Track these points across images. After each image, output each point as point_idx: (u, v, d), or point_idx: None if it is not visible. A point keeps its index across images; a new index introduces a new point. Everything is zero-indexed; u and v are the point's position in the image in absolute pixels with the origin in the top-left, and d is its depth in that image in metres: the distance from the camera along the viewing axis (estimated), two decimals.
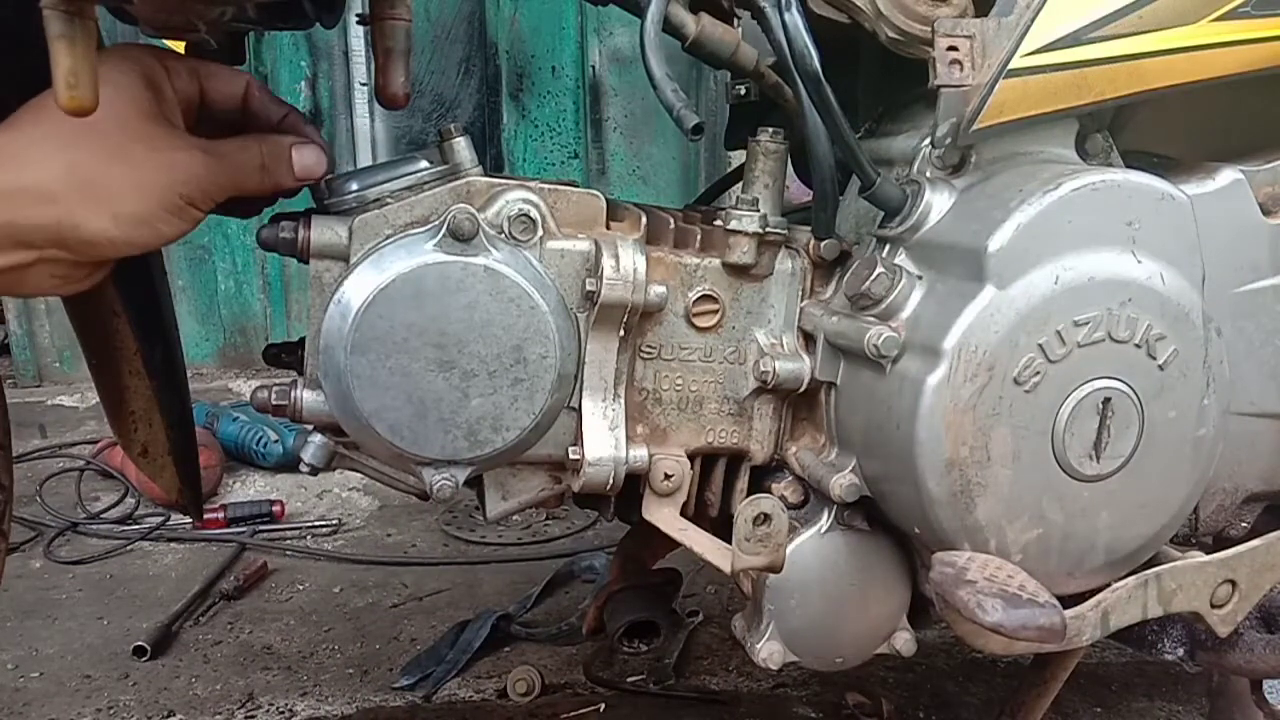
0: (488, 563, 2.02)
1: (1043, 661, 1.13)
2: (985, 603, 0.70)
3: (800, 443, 0.91)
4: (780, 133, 0.86)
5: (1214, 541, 0.94)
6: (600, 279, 0.79)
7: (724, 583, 1.80)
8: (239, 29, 0.88)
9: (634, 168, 3.86)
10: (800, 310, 0.88)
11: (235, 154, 0.70)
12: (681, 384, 0.87)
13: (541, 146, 3.80)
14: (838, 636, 0.91)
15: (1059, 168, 0.79)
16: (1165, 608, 0.84)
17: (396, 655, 1.62)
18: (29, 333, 3.48)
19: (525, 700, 1.46)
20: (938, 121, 0.79)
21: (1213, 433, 0.81)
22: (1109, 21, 0.77)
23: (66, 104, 0.56)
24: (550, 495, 0.89)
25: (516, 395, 0.79)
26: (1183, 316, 0.77)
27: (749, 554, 0.82)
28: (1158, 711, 1.48)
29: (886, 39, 0.81)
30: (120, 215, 0.62)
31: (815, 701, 1.47)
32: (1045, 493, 0.78)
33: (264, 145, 0.72)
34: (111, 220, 0.62)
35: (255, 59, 3.43)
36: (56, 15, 0.55)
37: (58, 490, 2.35)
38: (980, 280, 0.74)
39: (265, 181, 0.72)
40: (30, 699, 1.49)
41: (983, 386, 0.74)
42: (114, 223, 0.62)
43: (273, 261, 3.60)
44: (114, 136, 0.63)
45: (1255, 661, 0.94)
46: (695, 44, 0.82)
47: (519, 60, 3.72)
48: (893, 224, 0.82)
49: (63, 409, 3.19)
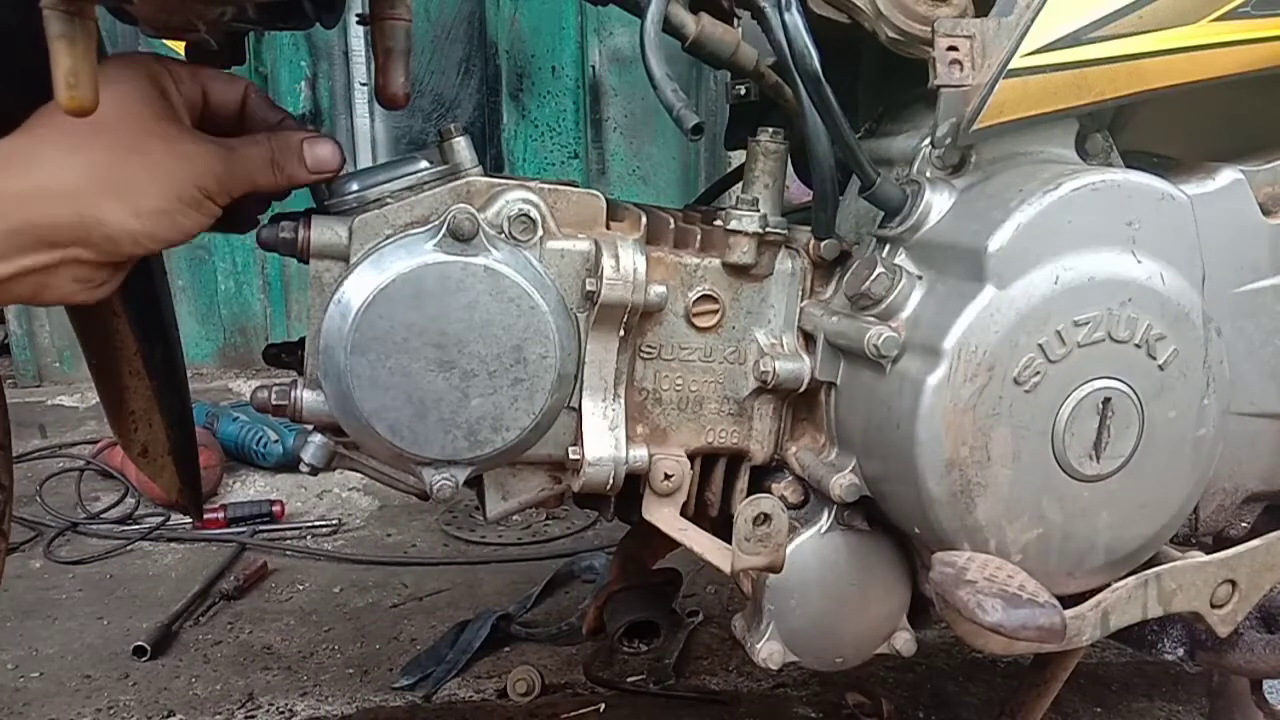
0: (488, 563, 2.02)
1: (1043, 661, 1.13)
2: (985, 603, 0.70)
3: (800, 443, 0.91)
4: (780, 133, 0.86)
5: (1214, 541, 0.94)
6: (600, 279, 0.79)
7: (724, 583, 1.80)
8: (239, 29, 0.88)
9: (634, 168, 3.86)
10: (800, 310, 0.88)
11: (246, 148, 0.71)
12: (681, 384, 0.87)
13: (541, 146, 3.80)
14: (838, 636, 0.91)
15: (1059, 168, 0.79)
16: (1165, 608, 0.84)
17: (396, 655, 1.62)
18: (29, 333, 3.48)
19: (525, 700, 1.46)
20: (938, 121, 0.79)
21: (1213, 433, 0.81)
22: (1109, 21, 0.77)
23: (67, 104, 0.56)
24: (550, 495, 0.89)
25: (516, 395, 0.79)
26: (1183, 316, 0.77)
27: (749, 554, 0.83)
28: (1158, 711, 1.48)
29: (886, 39, 0.81)
30: (141, 209, 0.63)
31: (815, 701, 1.47)
32: (1045, 493, 0.78)
33: (274, 141, 0.73)
34: (132, 214, 0.63)
35: (255, 59, 3.43)
36: (57, 15, 0.55)
37: (58, 490, 2.35)
38: (980, 280, 0.74)
39: (278, 176, 0.73)
40: (30, 699, 1.49)
41: (983, 386, 0.74)
42: (135, 216, 0.63)
43: (273, 262, 3.60)
44: (128, 133, 0.64)
45: (1255, 661, 0.94)
46: (695, 44, 0.82)
47: (519, 60, 3.72)
48: (893, 224, 0.82)
49: (63, 409, 3.19)
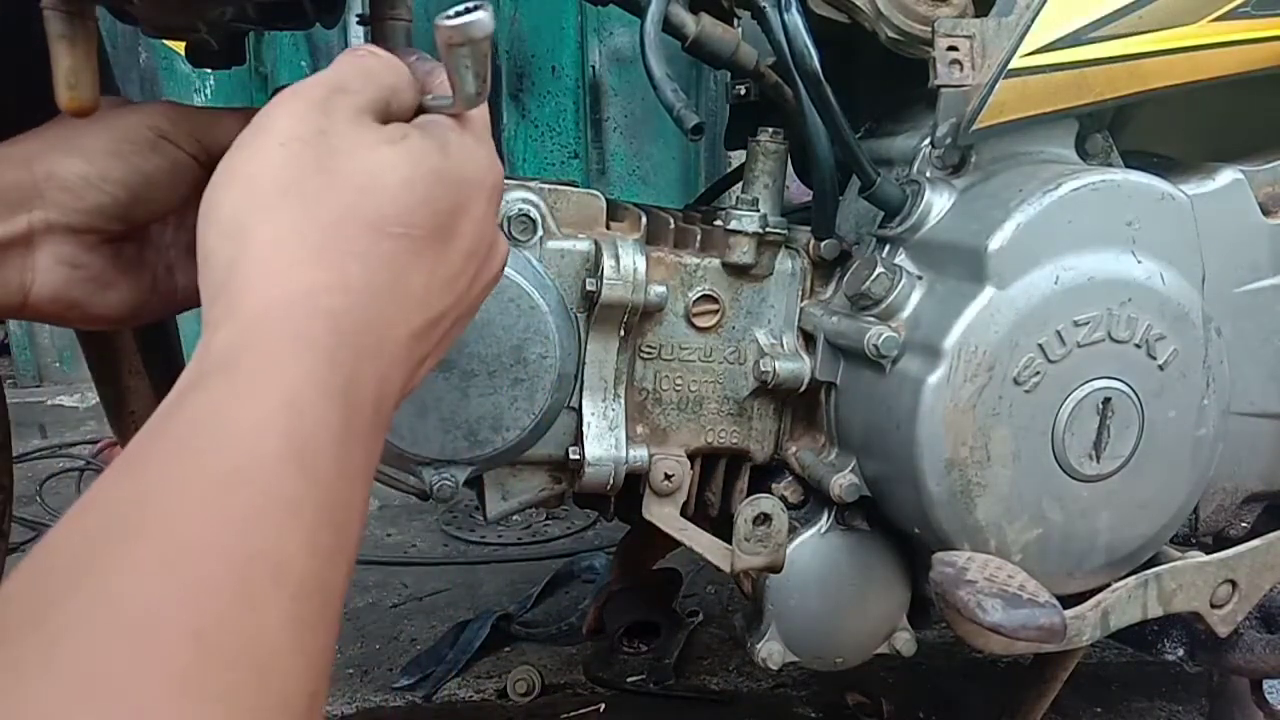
0: (488, 563, 2.02)
1: (1043, 661, 1.13)
2: (985, 603, 0.70)
3: (800, 443, 0.91)
4: (780, 133, 0.86)
5: (1214, 541, 0.94)
6: (600, 279, 0.79)
7: (724, 583, 1.80)
8: (239, 29, 0.88)
9: (634, 168, 3.86)
10: (800, 310, 0.88)
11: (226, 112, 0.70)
12: (681, 384, 0.87)
13: (541, 146, 3.80)
14: (838, 636, 0.91)
15: (1059, 168, 0.79)
16: (1165, 608, 0.84)
17: (396, 655, 1.62)
18: (29, 333, 3.47)
19: (525, 700, 1.45)
20: (938, 121, 0.79)
21: (1213, 433, 0.81)
22: (1109, 21, 0.77)
23: (67, 104, 0.56)
24: (550, 495, 0.89)
25: (516, 395, 0.79)
26: (1183, 316, 0.77)
27: (749, 554, 0.83)
28: (1158, 711, 1.48)
29: (886, 39, 0.81)
30: (90, 152, 0.61)
31: (815, 701, 1.47)
32: (1045, 493, 0.78)
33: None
34: (82, 159, 0.61)
35: (255, 59, 3.43)
36: (57, 15, 0.55)
37: (58, 490, 2.35)
38: (980, 280, 0.74)
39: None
40: None
41: (983, 386, 0.74)
42: (85, 161, 0.61)
43: None
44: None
45: (1255, 661, 0.94)
46: (695, 44, 0.82)
47: (519, 60, 3.72)
48: (893, 224, 0.82)
49: (63, 409, 3.19)
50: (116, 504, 0.31)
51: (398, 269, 0.42)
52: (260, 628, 0.30)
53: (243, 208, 0.41)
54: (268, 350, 0.36)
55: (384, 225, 0.42)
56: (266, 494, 0.32)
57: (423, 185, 0.43)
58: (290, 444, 0.34)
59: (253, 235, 0.40)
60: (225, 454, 0.33)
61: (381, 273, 0.41)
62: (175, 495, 0.31)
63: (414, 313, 0.43)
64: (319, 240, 0.40)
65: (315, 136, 0.42)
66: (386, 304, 0.41)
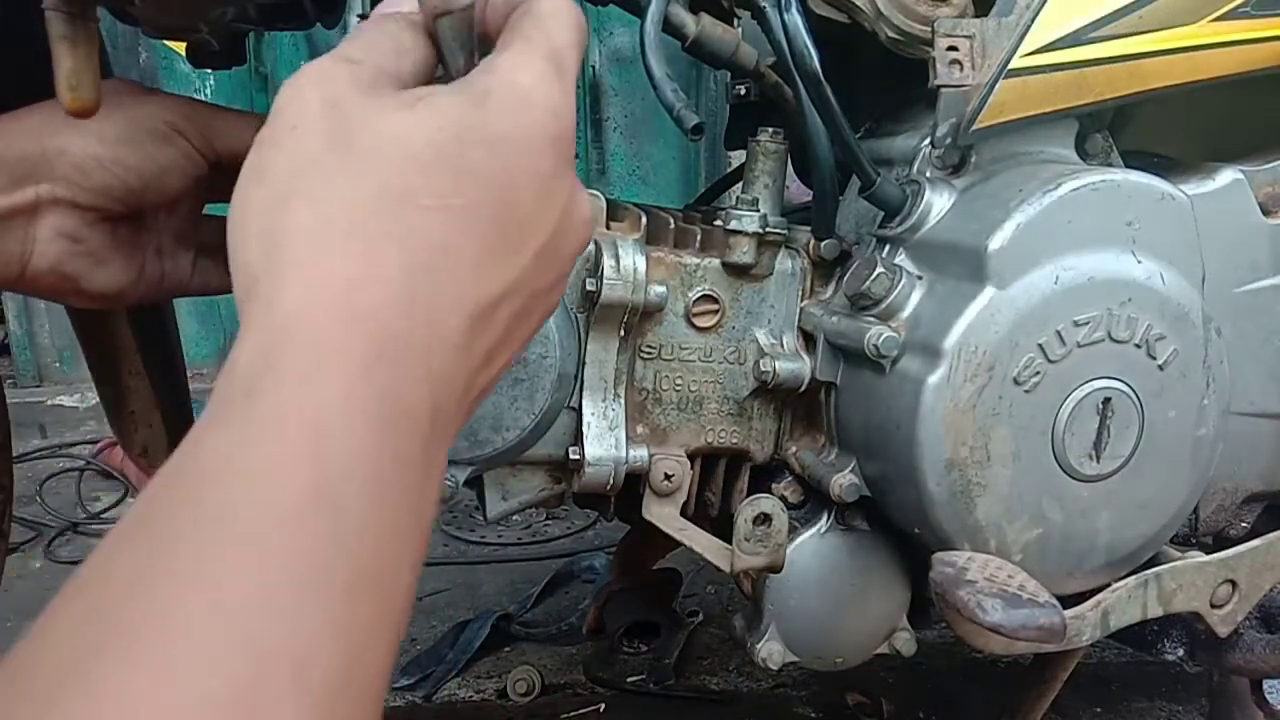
0: (488, 563, 2.02)
1: (1043, 661, 1.13)
2: (985, 603, 0.70)
3: (800, 443, 0.91)
4: (780, 133, 0.86)
5: (1214, 541, 0.94)
6: (600, 279, 0.79)
7: (724, 583, 1.80)
8: (239, 29, 0.88)
9: (634, 168, 3.86)
10: (800, 310, 0.88)
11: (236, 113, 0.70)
12: (681, 384, 0.87)
13: None
14: (838, 636, 0.91)
15: (1059, 168, 0.79)
16: (1165, 608, 0.84)
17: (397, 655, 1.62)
18: (29, 333, 3.48)
19: (525, 700, 1.46)
20: (938, 121, 0.79)
21: (1213, 433, 0.81)
22: (1109, 21, 0.77)
23: (69, 105, 0.56)
24: (550, 495, 0.89)
25: (516, 395, 0.79)
26: (1183, 316, 0.77)
27: (749, 554, 0.83)
28: (1158, 711, 1.48)
29: (886, 39, 0.81)
30: (105, 135, 0.62)
31: (815, 701, 1.47)
32: (1045, 493, 0.78)
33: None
34: (97, 140, 0.61)
35: (255, 59, 3.43)
36: (59, 16, 0.55)
37: (58, 490, 2.35)
38: (980, 280, 0.74)
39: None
40: None
41: (983, 386, 0.74)
42: (100, 143, 0.61)
43: None
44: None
45: (1255, 661, 0.94)
46: (695, 44, 0.82)
47: None
48: (893, 224, 0.82)
49: (63, 409, 3.19)
50: (112, 586, 0.27)
51: (439, 247, 0.36)
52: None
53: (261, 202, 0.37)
54: (291, 370, 0.31)
55: (414, 198, 0.36)
56: (284, 565, 0.27)
57: (454, 147, 0.37)
58: (317, 492, 0.29)
59: (273, 230, 0.35)
60: (238, 515, 0.28)
61: (419, 254, 0.35)
62: (174, 578, 0.26)
63: (467, 297, 0.37)
64: (345, 225, 0.34)
65: (327, 111, 0.37)
66: (431, 291, 0.35)
